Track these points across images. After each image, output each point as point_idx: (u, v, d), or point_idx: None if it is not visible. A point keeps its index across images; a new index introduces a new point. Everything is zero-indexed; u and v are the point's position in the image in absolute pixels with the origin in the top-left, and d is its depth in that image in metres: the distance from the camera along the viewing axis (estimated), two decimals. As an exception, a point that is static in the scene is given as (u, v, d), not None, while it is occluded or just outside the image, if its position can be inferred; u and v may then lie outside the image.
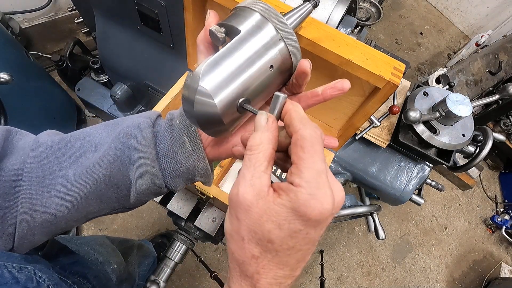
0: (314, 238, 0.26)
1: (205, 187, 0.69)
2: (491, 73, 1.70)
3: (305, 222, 0.24)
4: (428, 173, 0.94)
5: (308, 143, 0.25)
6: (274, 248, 0.25)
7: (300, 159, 0.25)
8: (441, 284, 1.58)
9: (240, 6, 0.31)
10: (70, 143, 0.35)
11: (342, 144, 0.65)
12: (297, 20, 0.35)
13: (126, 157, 0.34)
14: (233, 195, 0.27)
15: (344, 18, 0.69)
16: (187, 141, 0.35)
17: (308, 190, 0.24)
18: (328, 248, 1.54)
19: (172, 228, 1.42)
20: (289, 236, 0.25)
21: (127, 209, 0.38)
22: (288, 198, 0.24)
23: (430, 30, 2.34)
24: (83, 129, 0.37)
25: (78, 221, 0.37)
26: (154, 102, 0.96)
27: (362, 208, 0.92)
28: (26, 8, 1.36)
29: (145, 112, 0.38)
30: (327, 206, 0.24)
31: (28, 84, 1.12)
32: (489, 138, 0.82)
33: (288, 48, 0.31)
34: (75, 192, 0.33)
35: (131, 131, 0.34)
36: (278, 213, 0.24)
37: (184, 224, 0.82)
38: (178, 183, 0.37)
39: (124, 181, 0.35)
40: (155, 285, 0.82)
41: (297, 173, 0.25)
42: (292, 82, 0.34)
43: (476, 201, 1.82)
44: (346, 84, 0.32)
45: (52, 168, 0.34)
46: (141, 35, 1.01)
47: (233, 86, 0.29)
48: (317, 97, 0.34)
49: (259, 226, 0.25)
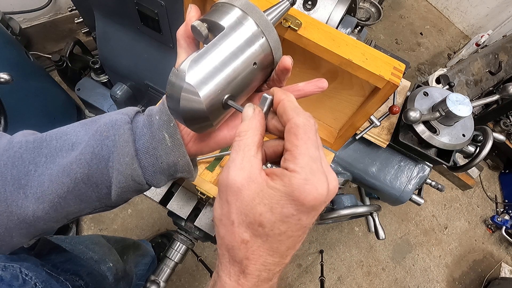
0: (306, 224, 0.25)
1: (205, 187, 0.69)
2: (491, 73, 1.70)
3: (298, 207, 0.24)
4: (428, 173, 0.94)
5: (302, 130, 0.25)
6: (265, 233, 0.25)
7: (294, 145, 0.25)
8: (441, 284, 1.58)
9: (220, 2, 0.32)
10: (46, 143, 0.34)
11: (342, 144, 0.65)
12: (276, 16, 0.36)
13: (105, 155, 0.33)
14: (223, 179, 0.26)
15: (344, 18, 0.69)
16: (167, 136, 0.35)
17: (303, 175, 0.23)
18: (328, 248, 1.54)
19: (172, 228, 1.42)
20: (280, 220, 0.24)
21: (109, 207, 0.37)
22: (282, 183, 0.24)
23: (430, 30, 2.34)
24: (60, 128, 0.36)
25: (58, 221, 0.36)
26: (154, 102, 0.96)
27: (362, 208, 0.92)
28: (26, 8, 1.36)
29: (124, 108, 0.37)
30: (321, 191, 0.24)
31: (28, 84, 1.12)
32: (489, 138, 0.82)
33: (270, 44, 0.31)
34: (53, 192, 0.33)
35: (109, 128, 0.34)
36: (271, 196, 0.24)
37: (184, 224, 0.82)
38: (160, 180, 0.36)
39: (103, 179, 0.34)
40: (155, 285, 0.82)
41: (291, 159, 0.25)
42: (273, 78, 0.34)
43: (476, 201, 1.82)
44: (325, 84, 0.33)
45: (27, 168, 0.33)
46: (141, 35, 1.01)
47: (218, 83, 0.29)
48: (298, 92, 0.34)
49: (250, 208, 0.24)
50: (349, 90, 0.54)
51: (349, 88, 0.54)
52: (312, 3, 0.65)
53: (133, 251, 0.97)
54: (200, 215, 0.80)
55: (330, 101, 0.59)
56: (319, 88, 0.33)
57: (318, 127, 0.55)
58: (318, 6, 0.64)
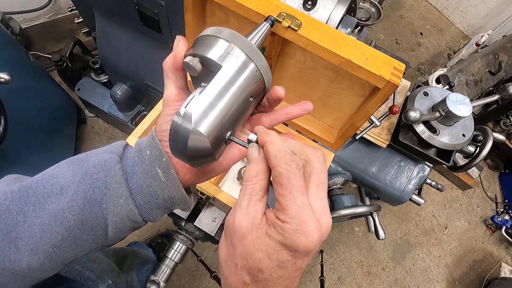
0: (301, 266, 0.27)
1: (205, 187, 0.69)
2: (491, 73, 1.70)
3: (292, 253, 0.25)
4: (428, 173, 0.94)
5: (285, 179, 0.26)
6: (264, 278, 0.26)
7: (280, 195, 0.26)
8: (441, 284, 1.59)
9: (205, 35, 0.32)
10: (32, 190, 0.33)
11: (342, 144, 0.65)
12: (259, 40, 0.37)
13: (97, 198, 0.32)
14: (229, 223, 0.28)
15: (344, 18, 0.69)
16: (160, 172, 0.33)
17: (293, 226, 0.25)
18: (328, 248, 1.54)
19: (172, 228, 1.42)
20: (277, 266, 0.26)
21: (106, 246, 0.36)
22: (276, 231, 0.25)
23: (430, 30, 2.34)
24: (45, 171, 0.35)
25: (54, 269, 0.35)
26: (154, 102, 0.96)
27: (362, 208, 0.92)
28: (26, 8, 1.36)
29: (110, 145, 0.36)
30: (312, 239, 0.25)
31: (28, 84, 1.12)
32: (489, 138, 0.82)
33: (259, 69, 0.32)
34: (47, 243, 0.31)
35: (98, 170, 0.32)
36: (268, 243, 0.26)
37: (184, 224, 0.82)
38: (156, 214, 0.36)
39: (98, 222, 0.33)
40: (155, 285, 0.82)
41: (280, 210, 0.26)
42: (264, 104, 0.36)
43: (476, 201, 1.82)
44: (310, 106, 0.35)
45: (16, 220, 0.31)
46: (141, 35, 1.01)
47: (222, 122, 0.30)
48: (286, 115, 0.36)
49: (250, 254, 0.26)
50: (349, 90, 0.54)
51: (349, 88, 0.54)
52: (312, 3, 0.65)
53: (133, 259, 0.96)
54: (200, 215, 0.80)
55: (330, 101, 0.59)
56: (305, 110, 0.35)
57: (318, 127, 0.56)
58: (318, 6, 0.64)
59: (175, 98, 0.35)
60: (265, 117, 0.38)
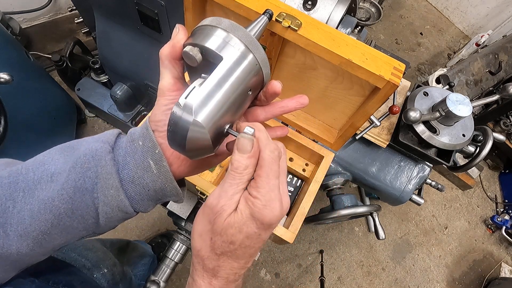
0: (264, 238, 0.32)
1: (205, 187, 0.69)
2: (491, 73, 1.70)
3: (259, 225, 0.30)
4: (428, 173, 0.94)
5: (267, 164, 0.30)
6: (234, 248, 0.31)
7: (258, 176, 0.30)
8: (441, 284, 1.58)
9: (203, 24, 0.31)
10: (22, 176, 0.32)
11: (342, 144, 0.65)
12: (257, 33, 0.36)
13: (88, 187, 0.32)
14: (213, 204, 0.31)
15: (344, 18, 0.69)
16: (152, 164, 0.33)
17: (262, 202, 0.29)
18: (328, 248, 1.54)
19: (172, 228, 1.42)
20: (246, 237, 0.30)
21: (97, 234, 0.36)
22: (247, 205, 0.30)
23: (430, 30, 2.34)
24: (36, 157, 0.34)
25: (45, 254, 0.35)
26: (154, 102, 0.96)
27: (362, 208, 0.92)
28: (26, 8, 1.36)
29: (103, 133, 0.35)
30: (276, 213, 0.30)
31: (28, 84, 1.12)
32: (489, 138, 0.82)
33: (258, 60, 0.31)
34: (36, 229, 0.31)
35: (89, 159, 0.32)
36: (240, 219, 0.30)
37: (184, 224, 0.83)
38: (148, 206, 0.36)
39: (89, 211, 0.33)
40: (155, 285, 0.82)
41: (255, 187, 0.30)
42: (260, 98, 0.37)
43: (476, 201, 1.82)
44: (306, 100, 0.37)
45: (5, 205, 0.31)
46: (141, 35, 1.01)
47: (222, 115, 0.30)
48: (281, 109, 0.37)
49: (225, 230, 0.30)
50: (349, 90, 0.54)
51: (349, 88, 0.54)
52: (312, 3, 0.65)
53: (130, 252, 0.96)
54: (200, 215, 0.80)
55: (330, 101, 0.59)
56: (301, 104, 0.36)
57: (318, 127, 0.56)
58: (318, 6, 0.64)
59: (171, 88, 0.35)
60: (260, 110, 0.38)
